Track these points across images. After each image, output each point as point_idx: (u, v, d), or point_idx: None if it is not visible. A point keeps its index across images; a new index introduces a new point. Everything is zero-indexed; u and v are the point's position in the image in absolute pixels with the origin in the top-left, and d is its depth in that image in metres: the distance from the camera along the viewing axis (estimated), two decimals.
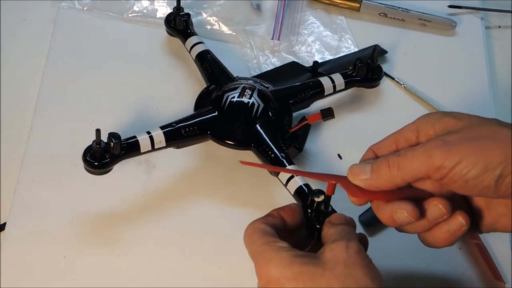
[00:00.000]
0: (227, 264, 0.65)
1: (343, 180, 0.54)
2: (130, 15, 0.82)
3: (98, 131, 0.62)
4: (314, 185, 0.63)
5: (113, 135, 0.63)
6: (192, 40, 0.76)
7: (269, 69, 0.79)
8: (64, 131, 0.72)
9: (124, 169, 0.68)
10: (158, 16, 0.82)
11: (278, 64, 0.80)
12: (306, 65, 0.79)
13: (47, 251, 0.65)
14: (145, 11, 0.82)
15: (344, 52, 0.82)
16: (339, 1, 0.85)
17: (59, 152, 0.71)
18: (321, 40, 0.83)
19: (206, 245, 0.66)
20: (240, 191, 0.70)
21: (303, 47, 0.82)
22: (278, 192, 0.68)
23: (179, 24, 0.77)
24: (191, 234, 0.67)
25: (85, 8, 0.82)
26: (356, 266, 0.49)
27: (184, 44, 0.77)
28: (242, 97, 0.68)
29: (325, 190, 0.56)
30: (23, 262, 0.64)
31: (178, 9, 0.77)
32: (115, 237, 0.66)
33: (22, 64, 0.78)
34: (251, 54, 0.80)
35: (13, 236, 0.65)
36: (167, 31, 0.79)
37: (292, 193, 0.63)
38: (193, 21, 0.79)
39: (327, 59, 0.81)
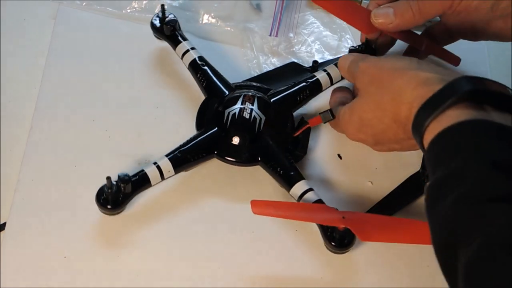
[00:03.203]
0: (227, 264, 0.66)
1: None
2: (128, 10, 0.82)
3: (108, 179, 0.63)
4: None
5: (122, 178, 0.63)
6: (182, 47, 0.75)
7: (269, 69, 0.79)
8: (64, 131, 0.72)
9: (124, 169, 0.68)
10: (156, 11, 0.82)
11: (278, 64, 0.80)
12: (306, 65, 0.79)
13: (47, 251, 0.65)
14: (143, 6, 0.82)
15: (344, 52, 0.82)
16: None
17: (59, 152, 0.71)
18: (321, 40, 0.83)
19: (206, 245, 0.66)
20: (241, 191, 0.70)
21: (303, 47, 0.82)
22: (278, 193, 0.68)
23: (166, 30, 0.75)
24: (191, 234, 0.67)
25: (84, 4, 0.81)
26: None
27: (174, 51, 0.76)
28: (243, 113, 0.68)
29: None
30: (23, 262, 0.64)
31: (163, 13, 0.75)
32: (115, 237, 0.66)
33: (22, 64, 0.78)
34: (251, 54, 0.80)
35: (13, 236, 0.65)
36: (155, 35, 0.77)
37: None
38: (194, 20, 0.78)
39: (327, 59, 0.81)
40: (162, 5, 0.75)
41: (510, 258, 0.40)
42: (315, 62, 0.78)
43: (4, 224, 0.66)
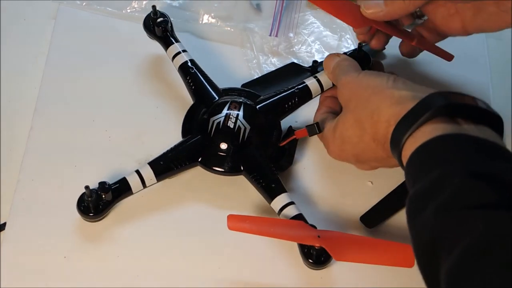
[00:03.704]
0: (227, 264, 0.66)
1: None
2: (128, 10, 0.82)
3: (87, 188, 0.63)
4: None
5: (102, 186, 0.64)
6: (173, 49, 0.74)
7: (269, 69, 0.79)
8: (64, 131, 0.72)
9: (124, 169, 0.68)
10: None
11: (278, 64, 0.80)
12: (306, 65, 0.79)
13: (47, 251, 0.65)
14: (143, 6, 0.82)
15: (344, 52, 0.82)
16: None
17: (59, 152, 0.71)
18: (321, 40, 0.83)
19: (206, 245, 0.66)
20: (240, 192, 0.70)
21: (303, 47, 0.82)
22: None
23: (157, 31, 0.75)
24: (191, 234, 0.67)
25: (84, 4, 0.82)
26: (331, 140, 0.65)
27: (166, 52, 0.75)
28: (227, 122, 0.68)
29: None
30: (23, 262, 0.64)
31: (155, 14, 0.75)
32: (115, 237, 0.66)
33: (22, 64, 0.78)
34: (251, 54, 0.80)
35: (13, 236, 0.65)
36: (148, 36, 0.77)
37: None
38: (194, 20, 0.78)
39: None
40: (154, 6, 0.74)
41: (490, 264, 0.41)
42: (315, 62, 0.78)
43: (4, 224, 0.66)
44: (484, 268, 0.41)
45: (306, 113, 0.74)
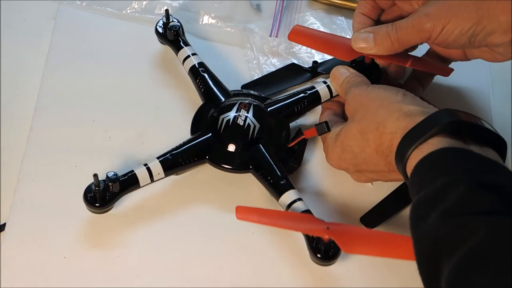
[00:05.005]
0: (227, 264, 0.66)
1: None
2: (128, 10, 0.82)
3: (95, 176, 0.62)
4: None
5: (110, 176, 0.63)
6: (184, 52, 0.75)
7: (269, 69, 0.79)
8: (64, 131, 0.72)
9: (124, 169, 0.68)
10: (156, 12, 0.82)
11: (278, 64, 0.80)
12: (306, 66, 0.79)
13: (47, 251, 0.65)
14: (143, 7, 0.82)
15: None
16: (339, 2, 0.85)
17: (59, 152, 0.71)
18: None
19: (206, 246, 0.67)
20: (240, 192, 0.70)
21: (303, 47, 0.82)
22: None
23: (169, 35, 0.75)
24: (191, 235, 0.67)
25: (84, 4, 0.82)
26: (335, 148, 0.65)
27: (176, 55, 0.76)
28: (237, 119, 0.68)
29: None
30: (23, 262, 0.64)
31: (167, 18, 0.76)
32: (115, 237, 0.66)
33: (22, 64, 0.78)
34: (251, 55, 0.80)
35: (13, 236, 0.65)
36: (159, 40, 0.78)
37: None
38: (194, 21, 0.78)
39: (326, 59, 0.81)
40: (167, 10, 0.75)
41: (491, 268, 0.42)
42: (315, 62, 0.78)
43: (4, 224, 0.66)
44: (485, 272, 0.42)
45: (309, 113, 0.75)
